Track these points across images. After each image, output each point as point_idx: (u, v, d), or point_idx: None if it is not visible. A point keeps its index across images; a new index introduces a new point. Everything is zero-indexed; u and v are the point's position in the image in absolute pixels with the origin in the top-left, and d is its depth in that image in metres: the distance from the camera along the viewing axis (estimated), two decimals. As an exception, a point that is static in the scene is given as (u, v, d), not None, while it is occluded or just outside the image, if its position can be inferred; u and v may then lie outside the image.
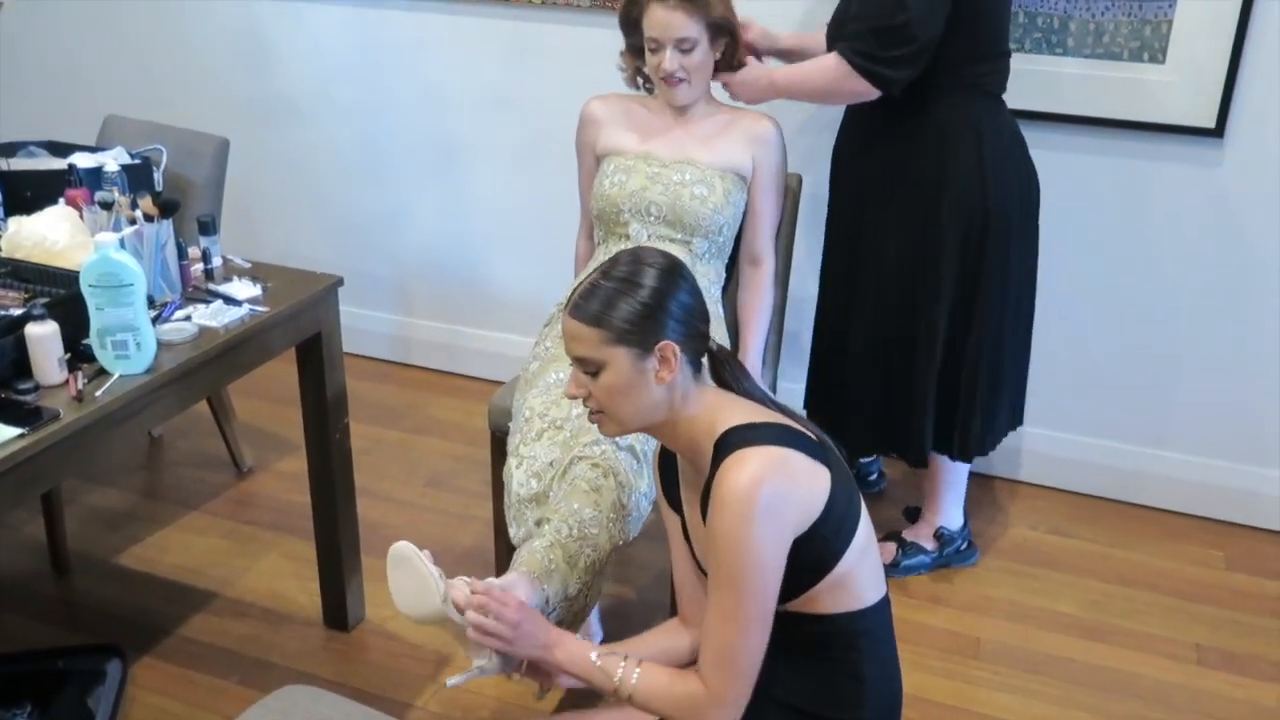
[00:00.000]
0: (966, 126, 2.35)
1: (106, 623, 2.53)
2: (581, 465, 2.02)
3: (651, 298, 1.54)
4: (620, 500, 1.99)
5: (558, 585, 1.89)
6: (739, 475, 1.47)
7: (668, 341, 1.54)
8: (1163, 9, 2.59)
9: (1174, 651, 2.50)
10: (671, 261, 1.59)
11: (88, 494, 2.99)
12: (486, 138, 3.37)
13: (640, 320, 1.53)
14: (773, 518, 1.47)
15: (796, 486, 1.50)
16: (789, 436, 1.54)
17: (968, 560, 2.76)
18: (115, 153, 2.56)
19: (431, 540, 2.78)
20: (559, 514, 1.97)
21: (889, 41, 2.21)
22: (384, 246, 3.62)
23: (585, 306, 1.55)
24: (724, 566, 1.49)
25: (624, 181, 2.35)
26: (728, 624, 1.51)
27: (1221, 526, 2.94)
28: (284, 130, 3.60)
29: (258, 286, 2.21)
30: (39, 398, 1.80)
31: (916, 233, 2.41)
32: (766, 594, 1.50)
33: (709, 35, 2.29)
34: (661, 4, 2.25)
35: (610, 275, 1.56)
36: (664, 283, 1.55)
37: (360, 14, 3.37)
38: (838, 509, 1.53)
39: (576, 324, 1.55)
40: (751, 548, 1.46)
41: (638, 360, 1.54)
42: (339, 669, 2.40)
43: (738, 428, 1.54)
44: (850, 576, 1.56)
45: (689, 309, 1.57)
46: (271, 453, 3.19)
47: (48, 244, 2.13)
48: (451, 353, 3.66)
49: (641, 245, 1.59)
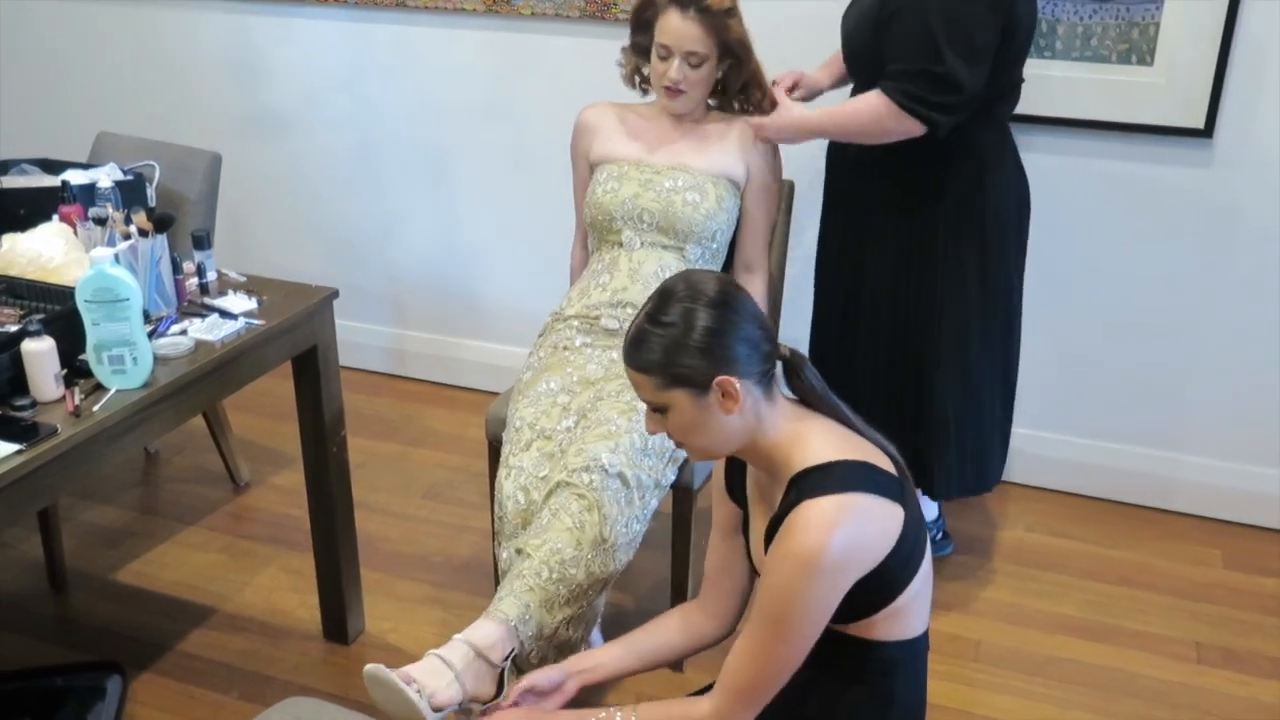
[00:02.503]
0: (975, 152, 2.33)
1: (105, 639, 2.52)
2: (566, 494, 2.01)
3: (703, 339, 1.50)
4: (602, 535, 1.99)
5: (533, 629, 1.91)
6: (809, 526, 1.45)
7: (724, 377, 1.50)
8: (1150, 12, 2.61)
9: (1174, 650, 2.51)
10: (723, 293, 1.53)
11: (85, 511, 2.98)
12: (478, 148, 3.38)
13: (692, 362, 1.50)
14: (834, 575, 1.46)
15: (865, 535, 1.48)
16: (865, 477, 1.51)
17: (942, 551, 2.78)
18: (108, 169, 2.56)
19: (430, 551, 2.79)
20: (539, 553, 1.96)
21: (939, 88, 2.16)
22: (377, 259, 3.63)
23: (636, 354, 1.53)
24: (771, 608, 1.48)
25: (616, 189, 2.36)
26: (759, 660, 1.51)
27: (1219, 525, 2.94)
28: (276, 144, 3.60)
29: (253, 300, 2.21)
30: (36, 414, 1.80)
31: (918, 254, 2.38)
32: (806, 642, 1.50)
33: (718, 53, 2.28)
34: (680, 13, 2.23)
35: (658, 320, 1.51)
36: (716, 320, 1.50)
37: (350, 27, 3.38)
38: (907, 545, 1.52)
39: (632, 371, 1.55)
40: (805, 601, 1.46)
41: (698, 399, 1.52)
42: (339, 682, 2.40)
43: (813, 469, 1.51)
44: (908, 608, 1.56)
45: (746, 339, 1.52)
46: (268, 467, 3.18)
47: (43, 260, 2.13)
48: (446, 364, 3.66)
49: (693, 273, 1.56)
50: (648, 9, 2.31)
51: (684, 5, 2.23)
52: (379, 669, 1.72)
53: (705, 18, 2.23)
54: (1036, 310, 2.93)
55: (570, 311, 2.36)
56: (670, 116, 2.39)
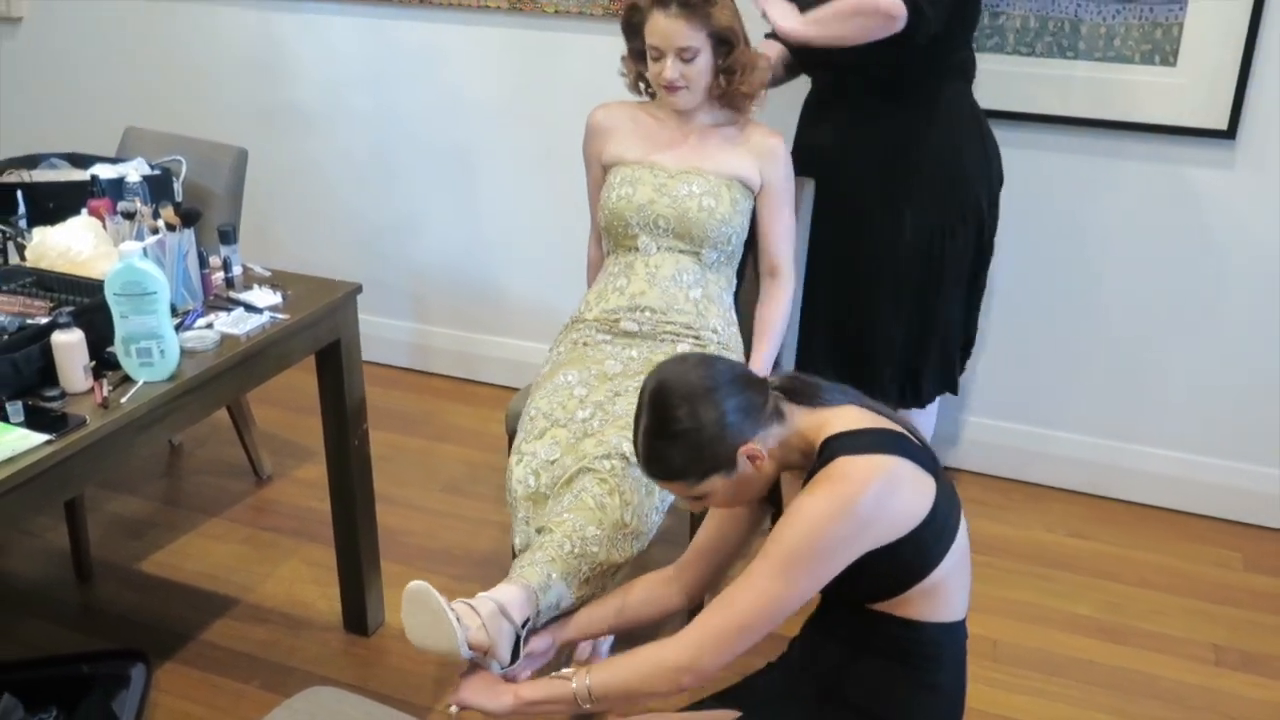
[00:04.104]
0: (973, 114, 2.50)
1: (129, 628, 2.56)
2: (589, 479, 2.02)
3: (714, 429, 1.53)
4: (623, 519, 1.99)
5: (552, 599, 1.91)
6: (846, 474, 1.46)
7: (741, 448, 1.54)
8: (1173, 12, 2.60)
9: (1192, 652, 2.50)
10: (706, 375, 1.56)
11: (110, 502, 3.02)
12: (501, 145, 3.40)
13: (713, 454, 1.54)
14: (861, 525, 1.46)
15: (898, 497, 1.49)
16: (896, 443, 1.52)
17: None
18: (136, 164, 2.59)
19: (449, 546, 2.81)
20: (562, 528, 1.96)
21: None
22: (399, 254, 3.65)
23: (657, 469, 1.59)
24: (787, 543, 1.48)
25: (630, 194, 2.36)
26: (752, 597, 1.50)
27: (1239, 528, 2.93)
28: (300, 140, 3.63)
29: (278, 294, 2.24)
30: (65, 405, 1.83)
31: (932, 214, 2.49)
32: (805, 589, 1.49)
33: (712, 44, 2.28)
34: (663, 12, 2.24)
35: (664, 433, 1.55)
36: (715, 406, 1.53)
37: (374, 24, 3.40)
38: (940, 516, 1.53)
39: (661, 483, 1.62)
40: (824, 541, 1.46)
41: (727, 475, 1.57)
42: (359, 673, 2.42)
43: (844, 434, 1.53)
44: (944, 585, 1.56)
45: (742, 405, 1.55)
46: (290, 460, 3.21)
47: (72, 254, 2.16)
48: (467, 360, 3.68)
49: (668, 371, 1.59)
50: (634, 14, 2.32)
51: (665, 3, 2.24)
52: (426, 587, 1.67)
53: (687, 11, 2.23)
54: (1057, 311, 2.93)
55: (590, 315, 2.37)
56: (681, 116, 2.40)
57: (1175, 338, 2.88)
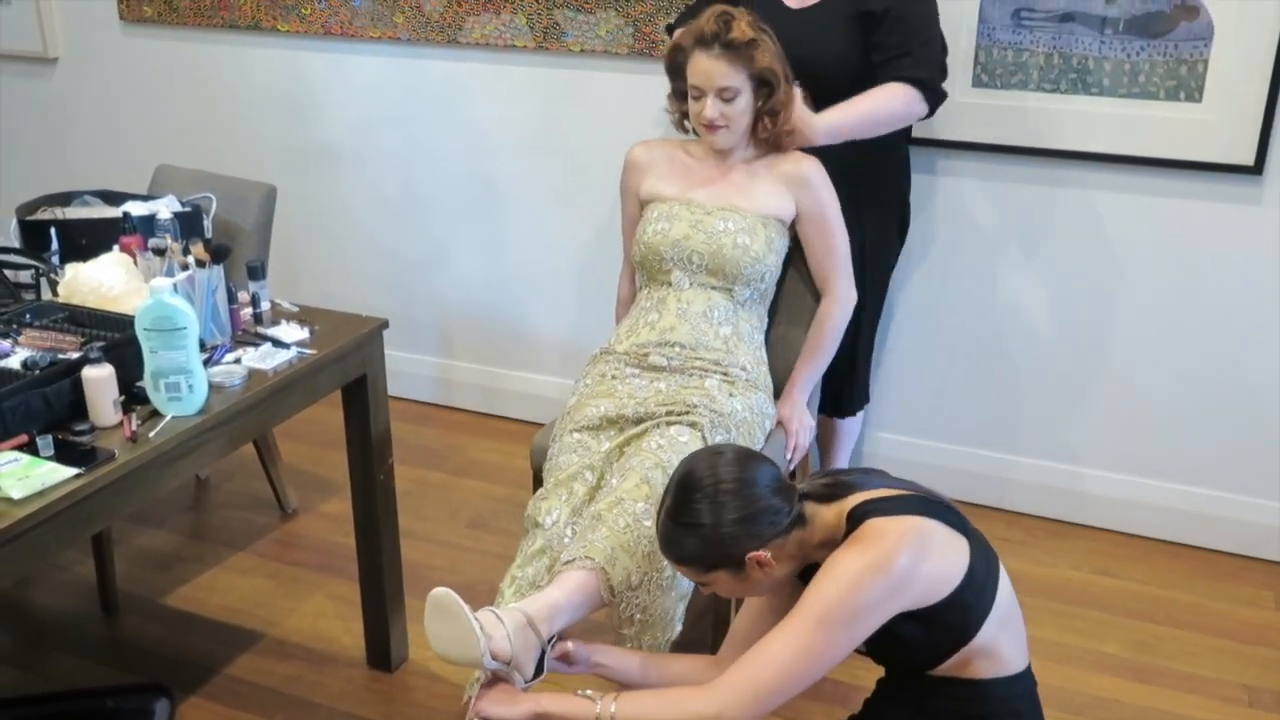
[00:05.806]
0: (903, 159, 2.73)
1: (154, 662, 2.56)
2: (633, 460, 2.07)
3: (732, 528, 1.56)
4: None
5: (621, 574, 1.88)
6: (882, 533, 1.47)
7: (754, 555, 1.56)
8: (1198, 49, 2.60)
9: (1224, 693, 2.47)
10: (739, 473, 1.59)
11: (136, 535, 3.03)
12: (527, 182, 3.42)
13: (724, 552, 1.57)
14: (896, 585, 1.46)
15: (933, 560, 1.49)
16: (926, 507, 1.53)
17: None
18: (167, 201, 2.63)
19: (473, 580, 2.81)
20: (613, 511, 1.96)
21: (942, 59, 2.49)
22: (425, 290, 3.68)
23: (670, 551, 1.63)
24: (821, 602, 1.48)
25: (666, 230, 2.37)
26: (786, 656, 1.49)
27: (1272, 567, 2.89)
28: (328, 177, 3.67)
29: (305, 330, 2.25)
30: (95, 439, 1.84)
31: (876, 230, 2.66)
32: (840, 648, 1.49)
33: (752, 85, 2.29)
34: (706, 53, 2.27)
35: (684, 521, 1.59)
36: (738, 507, 1.56)
37: (401, 63, 3.45)
38: (978, 575, 1.53)
39: (671, 563, 1.66)
40: (859, 600, 1.46)
41: (735, 573, 1.59)
42: (382, 709, 2.41)
43: (873, 500, 1.54)
44: (996, 641, 1.56)
45: (766, 510, 1.57)
46: (315, 494, 3.23)
47: (103, 289, 2.19)
48: (492, 395, 3.69)
49: (701, 460, 1.63)
50: (678, 54, 2.35)
51: (707, 44, 2.26)
52: (449, 594, 1.67)
53: (729, 53, 2.25)
54: (1087, 346, 2.91)
55: (620, 348, 2.38)
56: (719, 154, 2.41)
57: (1206, 374, 2.85)
